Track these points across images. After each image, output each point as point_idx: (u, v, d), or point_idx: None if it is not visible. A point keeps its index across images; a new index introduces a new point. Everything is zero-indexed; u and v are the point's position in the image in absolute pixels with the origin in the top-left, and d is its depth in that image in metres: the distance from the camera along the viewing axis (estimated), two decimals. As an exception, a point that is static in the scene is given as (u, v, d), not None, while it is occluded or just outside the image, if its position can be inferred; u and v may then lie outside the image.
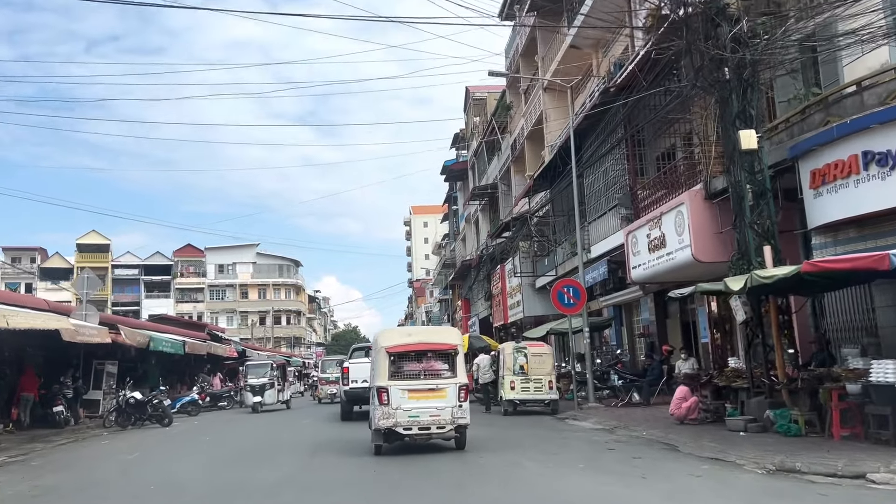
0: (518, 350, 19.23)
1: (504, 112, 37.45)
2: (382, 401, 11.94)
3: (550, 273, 27.03)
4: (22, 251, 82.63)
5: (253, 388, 26.56)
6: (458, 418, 11.98)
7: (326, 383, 30.82)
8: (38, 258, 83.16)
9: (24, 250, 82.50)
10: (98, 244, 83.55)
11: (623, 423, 14.97)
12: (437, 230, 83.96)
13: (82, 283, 22.51)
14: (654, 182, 18.98)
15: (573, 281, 19.77)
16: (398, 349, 12.42)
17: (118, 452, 14.50)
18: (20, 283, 78.34)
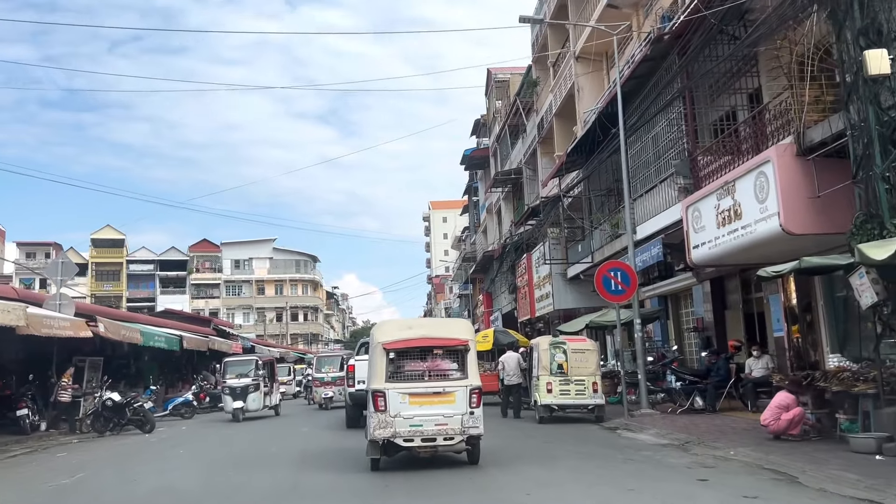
0: (556, 346, 15.92)
1: (530, 89, 34.12)
2: (379, 406, 9.93)
3: (586, 260, 23.64)
4: (36, 246, 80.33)
5: (233, 390, 21.77)
6: (468, 427, 9.90)
7: (322, 384, 25.71)
8: (53, 253, 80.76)
9: (38, 245, 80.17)
10: (113, 239, 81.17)
11: (696, 437, 11.64)
12: (456, 224, 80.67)
13: (55, 268, 19.49)
14: (721, 144, 15.56)
15: (621, 264, 16.42)
16: (397, 345, 10.28)
17: (60, 472, 11.34)
18: (35, 279, 76.16)
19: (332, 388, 24.67)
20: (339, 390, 24.02)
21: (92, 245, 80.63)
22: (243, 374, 22.11)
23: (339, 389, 24.05)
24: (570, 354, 15.77)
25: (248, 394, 21.70)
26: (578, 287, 26.35)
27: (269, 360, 24.50)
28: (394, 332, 10.56)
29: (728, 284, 18.69)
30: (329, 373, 25.34)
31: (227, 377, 22.40)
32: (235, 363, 23.44)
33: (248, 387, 21.84)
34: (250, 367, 22.66)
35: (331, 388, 24.81)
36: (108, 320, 20.22)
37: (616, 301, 16.16)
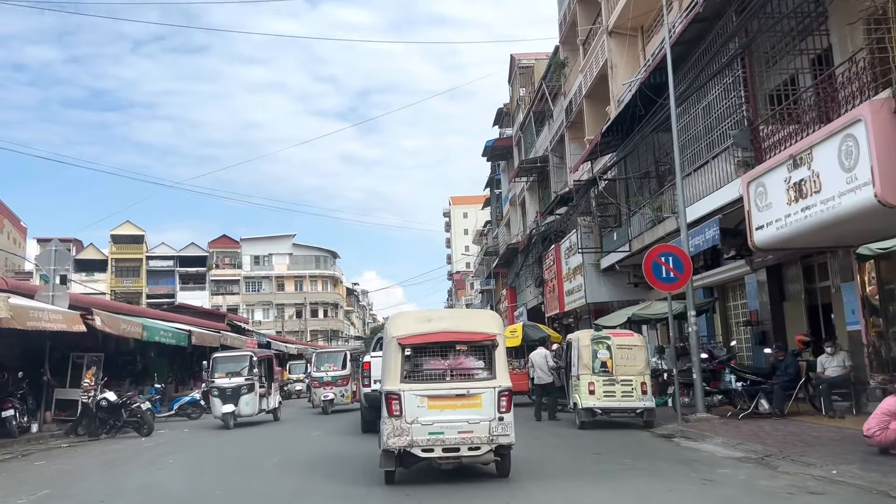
0: (598, 341, 13.90)
1: (557, 71, 32.01)
2: (393, 411, 8.56)
3: (623, 249, 21.56)
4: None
5: (222, 392, 18.20)
6: (497, 435, 8.49)
7: (321, 384, 22.44)
8: (73, 249, 79.79)
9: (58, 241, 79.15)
10: (132, 235, 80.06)
11: (776, 449, 9.60)
12: (477, 219, 78.73)
13: (48, 256, 17.75)
14: (791, 109, 13.45)
15: (674, 248, 14.35)
16: (414, 340, 8.89)
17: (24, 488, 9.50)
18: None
19: (333, 388, 22.12)
20: (342, 391, 22.05)
21: (112, 241, 79.53)
22: (235, 373, 18.66)
23: (342, 390, 22.06)
24: (616, 351, 13.75)
25: (240, 396, 18.26)
26: (613, 279, 24.29)
27: (265, 357, 20.71)
28: (410, 326, 9.11)
29: (787, 272, 16.57)
30: (329, 371, 22.61)
31: (215, 376, 18.81)
32: (225, 360, 19.74)
33: (241, 388, 18.33)
34: (243, 364, 19.07)
35: (331, 388, 22.11)
36: (106, 313, 18.48)
37: (668, 290, 14.10)
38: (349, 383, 22.19)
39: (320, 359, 23.94)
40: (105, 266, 78.84)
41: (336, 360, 23.16)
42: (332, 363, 22.93)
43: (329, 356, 23.94)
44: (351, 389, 22.06)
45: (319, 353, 25.75)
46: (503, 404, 8.55)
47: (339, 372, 22.38)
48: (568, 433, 13.37)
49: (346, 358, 22.93)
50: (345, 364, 22.58)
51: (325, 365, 23.00)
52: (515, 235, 41.51)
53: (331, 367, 22.72)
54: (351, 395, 22.09)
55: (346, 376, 22.35)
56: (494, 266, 48.47)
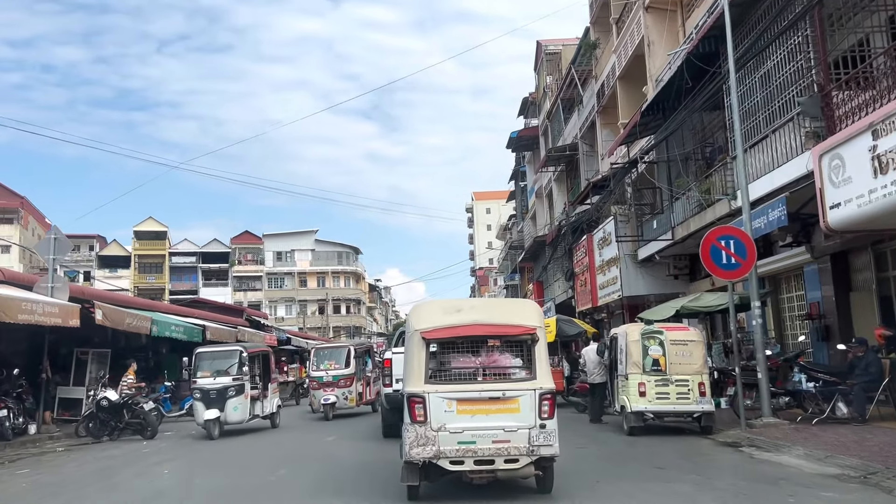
0: (650, 336, 12.19)
1: (588, 53, 30.20)
2: (417, 416, 7.30)
3: (665, 237, 19.78)
4: (81, 239, 78.70)
5: (205, 394, 15.23)
6: (539, 446, 7.19)
7: (320, 385, 19.29)
8: (97, 245, 79.43)
9: (82, 238, 78.59)
10: (155, 231, 79.35)
11: (881, 465, 7.87)
12: (500, 214, 77.00)
13: (47, 245, 16.36)
14: (867, 73, 11.65)
15: (735, 230, 12.59)
16: (441, 334, 7.59)
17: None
18: (79, 271, 74.67)
19: (335, 390, 18.92)
20: (345, 393, 19.04)
21: (134, 237, 78.88)
22: (222, 372, 15.70)
23: (345, 392, 19.03)
24: (669, 347, 12.03)
25: (226, 399, 15.20)
26: (651, 270, 22.53)
27: (260, 353, 17.63)
28: (436, 317, 7.75)
29: (855, 260, 14.73)
30: (330, 370, 19.38)
31: (198, 375, 15.74)
32: (210, 356, 16.40)
33: (228, 389, 15.23)
34: (231, 361, 15.89)
35: (332, 390, 18.92)
36: (109, 306, 17.04)
37: (729, 278, 12.36)
38: (354, 384, 19.23)
39: (319, 356, 20.58)
40: (128, 262, 78.20)
41: (338, 357, 19.94)
42: (333, 361, 19.76)
43: (329, 353, 20.66)
44: (356, 391, 19.33)
45: (318, 349, 21.91)
46: (545, 409, 7.23)
47: (341, 371, 19.21)
48: (616, 440, 11.68)
49: (349, 354, 19.77)
50: (348, 362, 19.46)
51: (324, 363, 19.87)
52: (543, 227, 39.74)
53: (332, 365, 19.59)
54: (356, 398, 19.37)
55: (350, 376, 19.22)
56: (520, 260, 46.73)
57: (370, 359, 21.38)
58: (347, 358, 19.60)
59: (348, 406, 19.26)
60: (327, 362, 19.80)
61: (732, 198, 15.59)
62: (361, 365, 20.10)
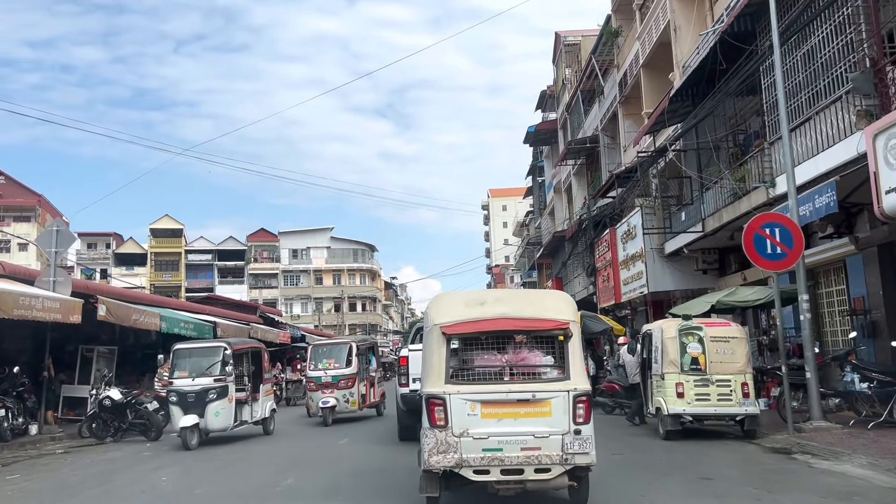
0: (688, 332, 11.20)
1: (609, 42, 29.15)
2: (437, 420, 6.52)
3: (695, 229, 18.74)
4: (97, 237, 78.74)
5: (182, 397, 13.08)
6: (573, 454, 6.40)
7: (318, 387, 17.09)
8: (114, 243, 79.22)
9: (99, 236, 78.55)
10: (171, 229, 78.96)
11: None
12: (517, 211, 75.93)
13: (49, 237, 15.58)
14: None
15: (780, 217, 11.58)
16: (463, 328, 6.79)
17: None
18: (96, 269, 74.48)
19: (335, 392, 16.85)
20: (346, 395, 17.00)
21: (151, 235, 78.54)
22: (202, 372, 13.51)
23: (346, 394, 17.00)
24: (709, 344, 11.05)
25: (206, 403, 13.02)
26: (678, 265, 21.47)
27: (249, 350, 15.15)
28: (458, 310, 6.96)
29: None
30: (329, 370, 17.23)
31: (175, 375, 13.56)
32: (189, 353, 14.06)
33: (208, 392, 13.08)
34: (213, 358, 13.62)
35: (332, 392, 16.83)
36: (113, 301, 16.27)
37: (774, 269, 11.36)
38: (356, 384, 17.19)
39: (317, 353, 18.19)
40: (145, 260, 77.91)
41: (338, 354, 17.72)
42: (332, 359, 17.61)
43: (328, 350, 18.32)
44: (359, 392, 17.30)
45: (315, 345, 19.42)
46: (580, 413, 6.45)
47: (341, 370, 17.11)
48: (653, 445, 10.71)
49: (350, 352, 17.51)
50: (350, 360, 17.33)
51: (323, 361, 17.66)
52: (562, 222, 38.71)
53: (331, 363, 17.45)
54: (358, 401, 17.33)
55: (352, 376, 17.16)
56: (538, 256, 45.68)
57: (374, 356, 19.46)
58: (349, 356, 17.39)
59: (350, 410, 17.26)
60: (326, 361, 17.60)
61: (771, 185, 14.55)
62: (364, 363, 18.10)
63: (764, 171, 14.99)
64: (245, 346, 15.17)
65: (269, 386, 15.91)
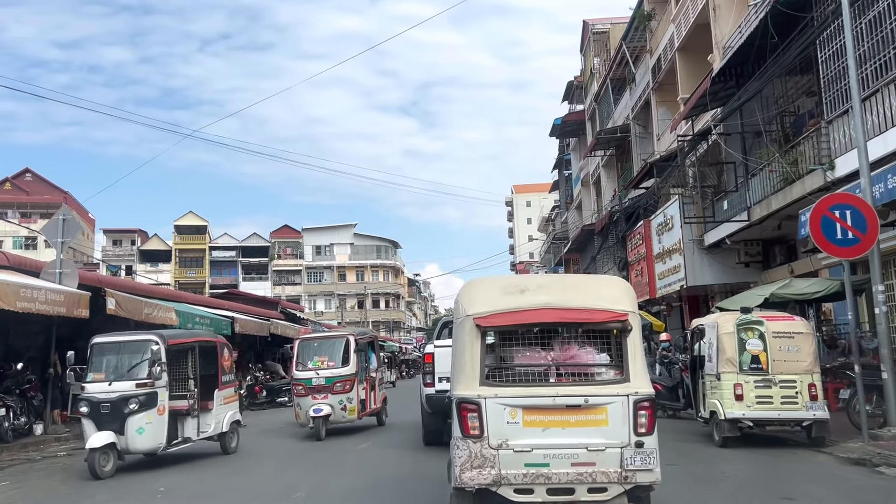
0: (747, 327, 9.96)
1: (642, 26, 27.80)
2: (470, 429, 5.43)
3: (739, 218, 17.43)
4: (122, 233, 78.74)
5: (94, 408, 9.80)
6: (634, 470, 5.31)
7: (307, 391, 13.65)
8: (139, 240, 79.08)
9: (124, 232, 78.54)
10: (196, 225, 78.59)
11: None
12: (542, 207, 74.62)
13: (55, 226, 14.69)
14: None
15: (853, 197, 10.27)
16: (501, 320, 5.67)
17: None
18: (121, 266, 74.36)
19: (329, 397, 13.43)
20: (343, 401, 13.50)
21: (175, 231, 78.26)
22: (123, 373, 10.14)
23: (343, 400, 13.50)
24: (771, 340, 9.80)
25: (126, 416, 9.70)
26: (719, 257, 20.16)
27: (196, 344, 11.40)
28: (495, 299, 5.84)
29: (982, 239, 12.33)
30: (322, 369, 13.81)
31: (89, 378, 10.21)
32: (109, 348, 10.56)
33: (128, 401, 9.74)
34: (139, 356, 10.24)
35: (325, 397, 13.40)
36: (124, 295, 15.35)
37: (845, 256, 10.08)
38: (354, 388, 13.76)
39: (306, 350, 14.52)
40: (169, 257, 77.63)
41: (332, 351, 14.21)
42: (325, 356, 14.11)
43: (320, 346, 14.68)
44: (357, 398, 13.83)
45: (303, 339, 15.52)
46: (642, 421, 5.39)
47: (336, 371, 13.67)
48: (709, 454, 9.49)
49: (348, 347, 14.05)
50: (346, 357, 13.91)
51: (314, 359, 14.10)
52: (591, 216, 37.40)
53: (323, 361, 13.98)
54: (357, 407, 13.85)
55: (349, 377, 13.68)
56: (565, 251, 44.36)
57: (374, 353, 15.70)
58: (345, 352, 13.91)
59: (347, 419, 13.75)
60: (317, 358, 14.02)
61: (829, 168, 13.23)
62: (363, 362, 14.60)
63: (821, 152, 13.67)
64: (188, 340, 11.41)
65: (229, 391, 11.86)
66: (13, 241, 66.54)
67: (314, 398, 13.42)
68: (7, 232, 65.42)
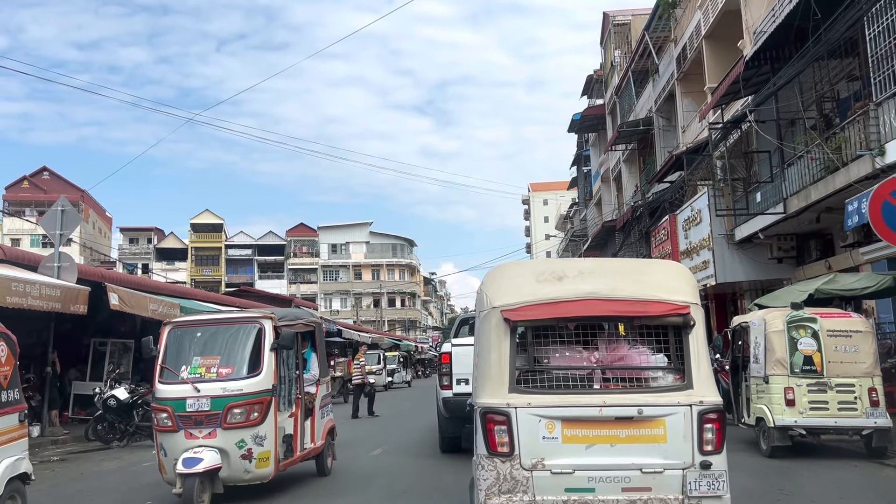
0: (799, 324, 8.98)
1: (665, 14, 26.72)
2: (498, 446, 4.49)
3: (774, 211, 16.36)
4: (139, 231, 78.53)
5: None
6: (699, 497, 4.32)
7: (178, 421, 7.30)
8: (155, 238, 78.84)
9: (140, 231, 78.32)
10: (212, 224, 78.20)
11: None
12: (559, 204, 73.40)
13: (53, 218, 13.93)
14: None
15: (919, 181, 9.24)
16: (535, 313, 4.70)
17: None
18: (137, 264, 74.09)
19: (216, 435, 7.23)
20: (243, 441, 7.25)
21: (191, 229, 77.92)
22: None
23: (243, 439, 7.25)
24: (826, 340, 8.82)
25: None
26: (750, 253, 19.06)
27: None
28: (527, 287, 4.92)
29: None
30: (204, 381, 7.41)
31: None
32: None
33: None
34: None
35: (209, 435, 7.23)
36: (127, 290, 14.59)
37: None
38: (270, 415, 7.49)
39: (180, 344, 7.84)
40: (185, 255, 77.32)
41: (228, 347, 7.80)
42: (214, 357, 7.65)
43: (207, 337, 7.90)
44: (276, 435, 7.57)
45: (178, 326, 8.08)
46: (709, 437, 4.44)
47: (233, 385, 7.41)
48: (759, 466, 8.50)
49: (259, 341, 7.69)
50: (256, 360, 7.61)
51: (194, 362, 7.60)
52: (611, 212, 36.35)
53: (209, 368, 7.56)
54: (275, 453, 7.50)
55: (260, 397, 7.44)
56: (585, 249, 43.30)
57: (314, 352, 9.11)
58: (255, 351, 7.66)
59: (252, 475, 7.42)
60: (199, 361, 7.61)
61: (879, 153, 12.15)
62: (291, 369, 8.10)
63: (869, 136, 12.60)
64: None
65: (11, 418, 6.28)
66: (31, 238, 66.42)
67: (189, 436, 7.17)
68: (24, 230, 65.30)
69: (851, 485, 7.40)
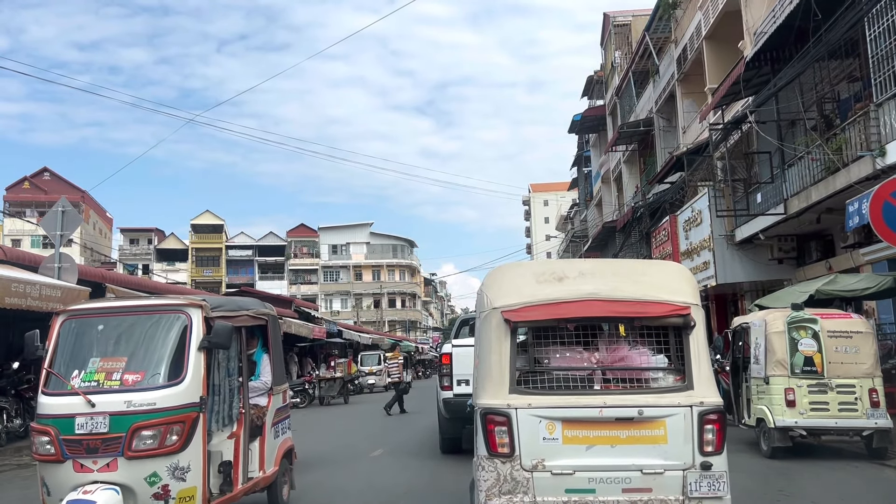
0: (800, 325, 8.97)
1: (666, 15, 26.74)
2: (498, 447, 4.51)
3: (775, 212, 16.36)
4: (139, 232, 78.55)
5: None
6: (699, 497, 4.35)
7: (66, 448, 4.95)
8: (155, 239, 78.87)
9: (141, 231, 78.34)
10: (212, 224, 78.21)
11: None
12: (560, 205, 73.46)
13: (54, 219, 13.92)
14: None
15: (919, 181, 9.23)
16: (535, 314, 4.73)
17: None
18: (138, 265, 74.10)
19: (118, 466, 4.98)
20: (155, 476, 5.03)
21: (192, 230, 77.95)
22: None
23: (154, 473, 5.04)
24: (827, 340, 8.82)
25: None
26: (750, 254, 19.06)
27: None
28: (527, 287, 4.94)
29: None
30: (103, 391, 5.16)
31: None
32: None
33: None
34: None
35: (106, 468, 4.97)
36: (125, 291, 14.58)
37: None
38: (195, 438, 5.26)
39: (77, 341, 5.51)
40: (186, 255, 77.36)
41: (141, 345, 5.47)
42: (120, 358, 5.35)
43: (113, 332, 5.54)
44: (203, 465, 5.32)
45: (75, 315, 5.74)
46: (710, 438, 4.47)
47: (146, 395, 5.17)
48: (759, 467, 8.50)
49: (183, 338, 5.43)
50: (179, 361, 5.38)
51: (90, 365, 5.32)
52: (612, 213, 36.36)
53: (112, 373, 5.27)
54: (204, 495, 5.30)
55: (180, 414, 5.20)
56: (585, 250, 43.32)
57: (265, 352, 6.87)
58: (179, 348, 5.42)
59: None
60: (99, 364, 5.32)
61: (880, 154, 12.15)
62: (230, 374, 5.90)
63: (870, 137, 12.61)
64: None
65: None
66: (31, 239, 66.48)
67: (80, 468, 5.06)
68: (25, 231, 65.35)
69: (852, 486, 7.39)
